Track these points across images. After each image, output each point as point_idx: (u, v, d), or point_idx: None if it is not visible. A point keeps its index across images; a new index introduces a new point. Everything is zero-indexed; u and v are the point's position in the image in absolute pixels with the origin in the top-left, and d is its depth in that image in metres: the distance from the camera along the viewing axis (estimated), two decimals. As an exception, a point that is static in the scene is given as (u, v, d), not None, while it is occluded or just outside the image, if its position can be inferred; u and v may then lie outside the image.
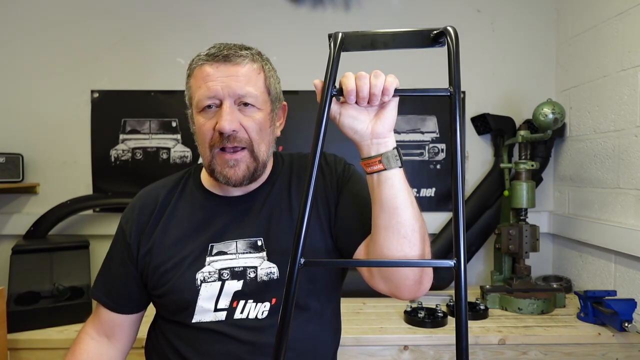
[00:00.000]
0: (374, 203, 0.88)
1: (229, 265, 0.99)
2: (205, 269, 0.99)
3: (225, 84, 0.93)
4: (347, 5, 2.18)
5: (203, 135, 0.96)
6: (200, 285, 0.98)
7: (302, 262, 0.70)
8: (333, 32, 0.78)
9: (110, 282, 1.07)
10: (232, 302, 0.98)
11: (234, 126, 0.93)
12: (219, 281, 0.98)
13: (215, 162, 0.96)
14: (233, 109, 0.94)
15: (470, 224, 2.11)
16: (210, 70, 0.94)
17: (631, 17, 1.70)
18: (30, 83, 2.12)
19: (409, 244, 0.85)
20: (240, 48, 0.97)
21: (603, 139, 1.86)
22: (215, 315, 0.98)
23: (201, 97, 0.94)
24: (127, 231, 1.05)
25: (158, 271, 1.01)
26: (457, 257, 0.67)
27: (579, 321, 1.66)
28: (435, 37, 0.77)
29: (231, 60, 0.94)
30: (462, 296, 0.66)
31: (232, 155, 0.95)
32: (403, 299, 0.93)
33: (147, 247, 1.03)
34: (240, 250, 1.00)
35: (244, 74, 0.95)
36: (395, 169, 0.85)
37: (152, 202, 1.06)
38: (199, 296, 0.98)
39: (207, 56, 0.95)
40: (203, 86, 0.94)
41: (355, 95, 0.80)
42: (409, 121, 2.19)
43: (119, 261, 1.06)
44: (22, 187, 2.04)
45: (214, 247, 1.00)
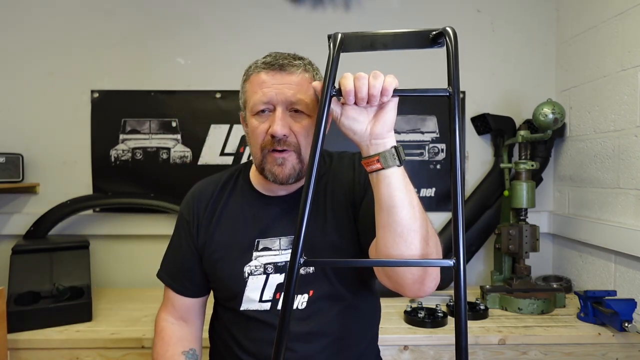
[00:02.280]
0: (375, 202, 0.90)
1: (273, 261, 1.08)
2: (252, 263, 1.08)
3: (279, 90, 0.99)
4: (347, 5, 2.19)
5: (256, 137, 1.03)
6: (247, 278, 1.07)
7: (302, 261, 0.70)
8: (332, 33, 0.78)
9: (179, 269, 1.16)
10: (276, 294, 1.07)
11: (285, 131, 0.99)
12: (264, 275, 1.07)
13: (266, 161, 1.03)
14: (285, 114, 1.00)
15: (470, 224, 2.12)
16: (266, 77, 1.01)
17: (631, 17, 1.70)
18: (30, 83, 2.13)
19: (405, 243, 0.86)
20: (294, 58, 1.04)
21: (603, 139, 1.86)
22: (261, 305, 1.07)
23: (257, 102, 1.01)
24: (190, 221, 1.14)
25: (211, 259, 1.11)
26: (457, 256, 0.67)
27: (579, 321, 1.66)
28: (434, 38, 0.77)
29: (286, 69, 1.01)
30: (462, 296, 0.66)
31: (281, 154, 1.02)
32: (407, 296, 0.97)
33: (204, 236, 1.12)
34: (283, 246, 1.08)
35: (297, 82, 1.01)
36: (394, 168, 0.85)
37: (207, 196, 1.15)
38: (246, 287, 1.07)
39: (264, 64, 1.02)
40: (259, 92, 1.00)
41: (354, 95, 0.81)
42: (409, 121, 2.19)
43: (186, 249, 1.14)
44: (22, 187, 2.04)
45: (260, 242, 1.09)
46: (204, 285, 1.17)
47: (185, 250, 1.15)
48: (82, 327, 1.62)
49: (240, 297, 1.08)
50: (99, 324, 1.66)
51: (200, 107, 2.16)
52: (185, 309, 1.18)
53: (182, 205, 1.19)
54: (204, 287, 1.17)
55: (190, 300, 1.17)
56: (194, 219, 1.14)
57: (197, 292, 1.17)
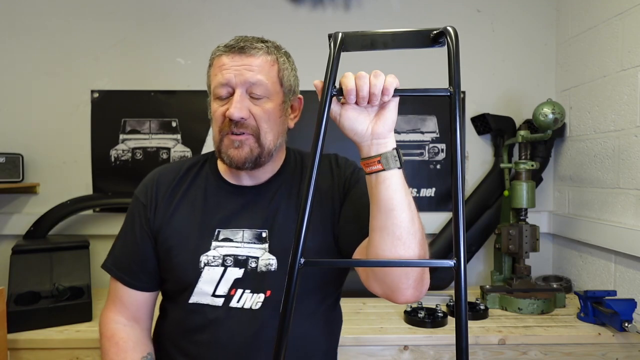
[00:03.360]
0: (371, 203, 0.88)
1: (234, 253, 1.02)
2: (210, 253, 1.02)
3: (238, 72, 0.98)
4: (347, 5, 2.18)
5: (216, 120, 1.01)
6: (203, 268, 1.02)
7: (302, 262, 0.70)
8: (333, 32, 0.78)
9: (132, 260, 1.08)
10: (231, 290, 1.01)
11: (243, 114, 0.97)
12: (222, 267, 1.02)
13: (223, 144, 1.01)
14: (244, 97, 0.98)
15: (470, 224, 2.11)
16: (226, 60, 0.99)
17: (631, 17, 1.70)
18: (30, 83, 2.12)
19: (404, 246, 0.85)
20: (257, 41, 1.02)
21: (603, 139, 1.86)
22: (213, 300, 1.01)
23: (216, 85, 0.99)
24: (147, 204, 1.08)
25: (165, 247, 1.05)
26: (457, 257, 0.67)
27: (579, 321, 1.66)
28: (435, 37, 0.77)
29: (246, 51, 0.99)
30: (462, 296, 0.66)
31: (237, 137, 0.99)
32: (397, 302, 0.92)
33: (160, 222, 1.06)
34: (246, 239, 1.03)
35: (258, 64, 0.99)
36: (394, 170, 0.85)
37: (169, 179, 1.10)
38: (200, 278, 1.01)
39: (225, 47, 1.00)
40: (219, 74, 0.99)
41: (355, 95, 0.80)
42: (409, 121, 2.19)
43: (141, 236, 1.07)
44: (22, 187, 2.04)
45: (221, 232, 1.04)
46: (157, 276, 1.09)
47: (139, 238, 1.07)
48: (82, 327, 1.62)
49: (192, 288, 1.02)
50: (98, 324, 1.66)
51: (200, 107, 2.15)
52: (137, 306, 1.09)
53: (138, 189, 1.12)
54: (157, 279, 1.10)
55: (142, 295, 1.09)
56: (151, 203, 1.08)
57: (150, 285, 1.09)
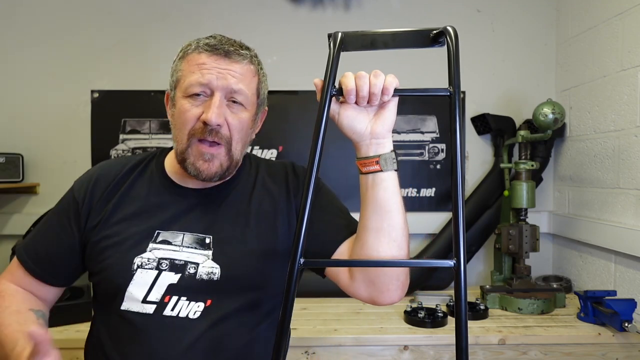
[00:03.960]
0: (365, 204, 0.87)
1: (171, 257, 0.95)
2: (145, 255, 0.94)
3: (221, 75, 0.92)
4: (347, 5, 2.18)
5: (184, 121, 0.93)
6: (135, 270, 0.93)
7: (302, 262, 0.70)
8: (333, 32, 0.78)
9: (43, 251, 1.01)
10: (164, 297, 0.93)
11: (220, 120, 0.92)
12: (156, 270, 0.93)
13: (190, 151, 0.94)
14: (222, 102, 0.93)
15: (470, 224, 2.11)
16: (207, 59, 0.93)
17: (631, 17, 1.70)
18: (30, 83, 2.12)
19: (398, 247, 0.86)
20: (241, 46, 0.97)
21: (603, 139, 1.86)
22: (143, 307, 0.92)
23: (193, 83, 0.92)
24: (79, 200, 1.00)
25: (98, 246, 0.97)
26: (457, 257, 0.67)
27: (579, 321, 1.65)
28: (435, 37, 0.77)
29: (231, 56, 0.94)
30: (462, 296, 0.66)
31: (209, 149, 0.93)
32: (381, 304, 0.92)
33: (95, 221, 0.98)
34: (185, 243, 0.96)
35: (241, 72, 0.94)
36: (391, 172, 0.85)
37: (110, 177, 1.02)
38: (132, 281, 0.93)
39: (207, 46, 0.93)
40: (197, 72, 0.92)
41: (355, 94, 0.80)
42: (409, 121, 2.19)
43: (62, 232, 1.00)
44: (22, 187, 2.04)
45: (160, 234, 0.97)
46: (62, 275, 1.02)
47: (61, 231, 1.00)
48: (82, 327, 1.62)
49: (122, 293, 0.93)
50: None
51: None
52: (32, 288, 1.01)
53: (76, 183, 1.04)
54: (60, 277, 1.03)
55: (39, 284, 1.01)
56: (85, 200, 1.00)
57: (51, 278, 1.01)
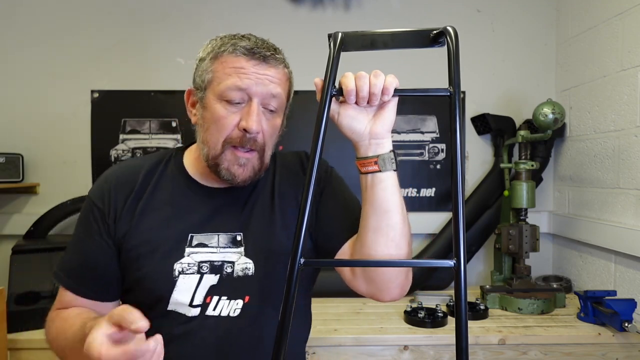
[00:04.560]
0: (364, 204, 0.88)
1: (209, 259, 0.95)
2: (184, 260, 0.94)
3: (260, 81, 0.90)
4: (347, 5, 2.18)
5: (221, 128, 0.91)
6: (177, 277, 0.93)
7: (302, 262, 0.70)
8: (333, 32, 0.78)
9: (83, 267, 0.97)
10: (206, 298, 0.94)
11: (260, 128, 0.91)
12: (198, 274, 0.94)
13: (225, 157, 0.92)
14: (260, 110, 0.92)
15: (470, 224, 2.11)
16: (246, 64, 0.90)
17: (631, 17, 1.70)
18: (30, 83, 2.12)
19: (396, 246, 0.86)
20: (275, 50, 0.95)
21: (603, 139, 1.86)
22: (189, 310, 0.94)
23: (231, 87, 0.90)
24: (103, 208, 0.96)
25: (131, 255, 0.95)
26: (457, 257, 0.66)
27: (579, 321, 1.66)
28: (435, 37, 0.77)
29: (269, 61, 0.92)
30: (462, 296, 0.66)
31: (244, 154, 0.92)
32: (383, 301, 0.93)
33: (124, 229, 0.96)
34: (221, 244, 0.97)
35: (277, 77, 0.93)
36: (390, 172, 0.85)
37: (129, 182, 0.99)
38: (175, 288, 0.93)
39: (245, 49, 0.90)
40: (234, 76, 0.90)
41: (355, 95, 0.80)
42: (409, 121, 2.19)
43: (96, 243, 0.96)
44: (22, 187, 2.04)
45: (194, 237, 0.96)
46: (112, 287, 0.98)
47: (94, 245, 0.96)
48: (82, 327, 1.62)
49: (167, 300, 0.92)
50: None
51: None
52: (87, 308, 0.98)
53: (92, 193, 0.99)
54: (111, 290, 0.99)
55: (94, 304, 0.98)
56: (110, 208, 0.96)
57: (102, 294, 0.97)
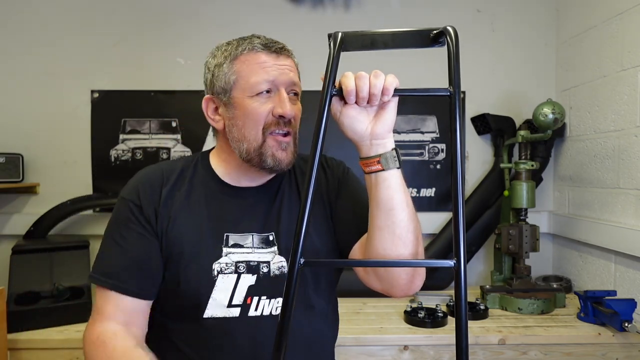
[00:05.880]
0: (370, 202, 0.89)
1: (245, 259, 0.97)
2: (222, 260, 0.96)
3: (282, 71, 0.97)
4: (347, 5, 2.18)
5: (257, 118, 0.96)
6: (217, 276, 0.95)
7: (302, 262, 0.70)
8: (333, 32, 0.78)
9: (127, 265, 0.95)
10: (247, 298, 0.96)
11: (294, 112, 0.97)
12: (235, 274, 0.96)
13: (267, 144, 0.96)
14: (287, 96, 0.97)
15: (470, 224, 2.11)
16: (267, 58, 0.97)
17: (631, 17, 1.70)
18: (30, 83, 2.12)
19: (403, 244, 0.87)
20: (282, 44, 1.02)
21: (603, 139, 1.86)
22: (229, 311, 0.95)
23: (259, 81, 0.95)
24: (140, 203, 0.98)
25: (170, 255, 0.96)
26: (457, 257, 0.67)
27: (579, 321, 1.65)
28: (435, 37, 0.77)
29: (282, 53, 0.99)
30: (462, 296, 0.66)
31: (284, 138, 0.97)
32: (396, 296, 0.96)
33: (161, 228, 0.97)
34: (256, 244, 0.99)
35: (293, 66, 1.01)
36: (393, 170, 0.86)
37: (160, 185, 1.01)
38: (215, 287, 0.95)
39: (262, 45, 0.97)
40: (261, 71, 0.96)
41: (354, 95, 0.80)
42: (409, 121, 2.19)
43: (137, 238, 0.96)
44: (22, 187, 2.04)
45: (230, 237, 0.99)
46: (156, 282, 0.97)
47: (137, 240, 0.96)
48: (82, 327, 1.59)
49: (206, 300, 0.94)
50: None
51: (200, 107, 2.15)
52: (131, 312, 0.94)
53: (127, 191, 1.01)
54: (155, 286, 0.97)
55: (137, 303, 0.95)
56: (147, 204, 0.97)
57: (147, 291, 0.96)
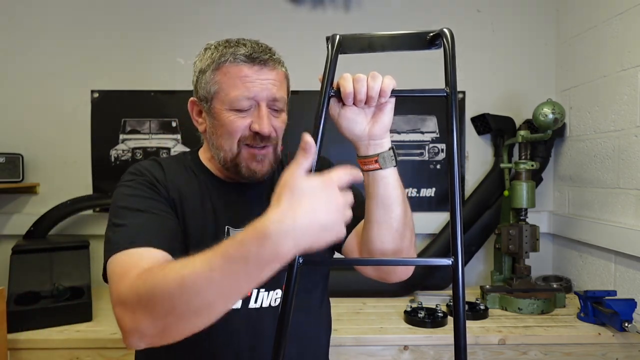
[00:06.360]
0: (368, 199, 0.91)
1: None
2: None
3: (264, 86, 0.95)
4: (347, 6, 2.18)
5: (233, 132, 0.97)
6: None
7: (301, 261, 0.70)
8: (331, 35, 0.78)
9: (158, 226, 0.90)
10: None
11: (271, 130, 0.97)
12: None
13: (242, 156, 0.98)
14: (268, 111, 0.97)
15: (471, 224, 2.11)
16: (249, 71, 0.95)
17: (631, 17, 1.70)
18: (30, 83, 2.12)
19: (400, 236, 0.91)
20: (270, 51, 0.99)
21: (603, 139, 1.86)
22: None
23: (239, 97, 0.95)
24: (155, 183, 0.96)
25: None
26: (455, 255, 0.67)
27: (579, 321, 1.66)
28: (431, 39, 0.78)
29: (268, 64, 0.96)
30: (460, 294, 0.66)
31: (260, 151, 0.98)
32: (390, 282, 1.00)
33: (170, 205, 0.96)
34: None
35: (278, 79, 0.98)
36: (390, 169, 0.88)
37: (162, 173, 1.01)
38: None
39: (245, 57, 0.95)
40: (241, 86, 0.95)
41: (352, 97, 0.82)
42: (409, 121, 2.19)
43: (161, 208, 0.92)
44: (22, 187, 2.04)
45: (231, 230, 1.01)
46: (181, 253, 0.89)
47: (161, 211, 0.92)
48: (82, 327, 1.62)
49: None
50: (99, 324, 1.66)
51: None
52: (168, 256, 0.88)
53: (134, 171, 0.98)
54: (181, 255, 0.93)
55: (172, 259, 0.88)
56: (157, 181, 0.97)
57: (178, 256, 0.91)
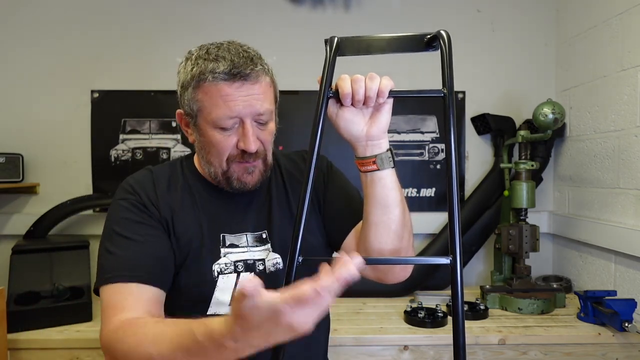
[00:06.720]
0: (366, 199, 0.92)
1: (242, 258, 1.00)
2: (221, 261, 0.99)
3: (247, 103, 0.91)
4: (347, 6, 2.18)
5: (221, 150, 0.96)
6: (217, 277, 0.98)
7: (300, 260, 0.71)
8: (329, 37, 0.79)
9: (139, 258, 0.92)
10: None
11: (258, 145, 0.96)
12: (235, 273, 0.99)
13: (232, 171, 0.98)
14: (253, 127, 0.94)
15: (471, 224, 2.11)
16: (229, 90, 0.90)
17: (631, 17, 1.70)
18: (30, 83, 2.12)
19: (398, 237, 0.91)
20: (252, 61, 0.92)
21: (603, 139, 1.86)
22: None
23: (221, 117, 0.91)
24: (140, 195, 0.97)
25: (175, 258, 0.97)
26: (453, 254, 0.67)
27: (579, 321, 1.65)
28: (429, 41, 0.79)
29: (250, 78, 0.91)
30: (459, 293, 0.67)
31: (251, 163, 0.98)
32: (388, 283, 1.00)
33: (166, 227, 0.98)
34: (250, 243, 1.02)
35: (261, 91, 0.93)
36: (388, 170, 0.88)
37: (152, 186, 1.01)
38: (216, 288, 0.97)
39: (224, 75, 0.90)
40: (222, 106, 0.91)
41: (351, 98, 0.82)
42: (409, 121, 2.19)
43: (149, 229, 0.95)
44: (22, 187, 2.04)
45: (226, 238, 1.01)
46: (172, 274, 0.96)
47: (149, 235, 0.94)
48: (82, 327, 1.62)
49: (209, 300, 0.97)
50: (98, 324, 1.63)
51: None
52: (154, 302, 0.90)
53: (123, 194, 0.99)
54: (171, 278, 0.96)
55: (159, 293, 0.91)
56: (150, 203, 0.97)
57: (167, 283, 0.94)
